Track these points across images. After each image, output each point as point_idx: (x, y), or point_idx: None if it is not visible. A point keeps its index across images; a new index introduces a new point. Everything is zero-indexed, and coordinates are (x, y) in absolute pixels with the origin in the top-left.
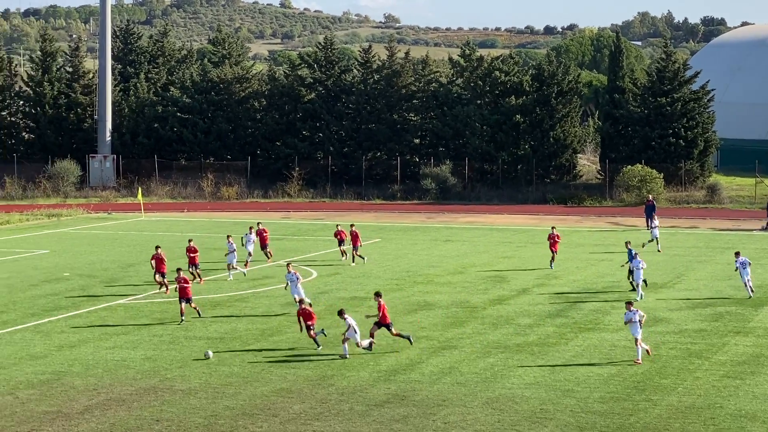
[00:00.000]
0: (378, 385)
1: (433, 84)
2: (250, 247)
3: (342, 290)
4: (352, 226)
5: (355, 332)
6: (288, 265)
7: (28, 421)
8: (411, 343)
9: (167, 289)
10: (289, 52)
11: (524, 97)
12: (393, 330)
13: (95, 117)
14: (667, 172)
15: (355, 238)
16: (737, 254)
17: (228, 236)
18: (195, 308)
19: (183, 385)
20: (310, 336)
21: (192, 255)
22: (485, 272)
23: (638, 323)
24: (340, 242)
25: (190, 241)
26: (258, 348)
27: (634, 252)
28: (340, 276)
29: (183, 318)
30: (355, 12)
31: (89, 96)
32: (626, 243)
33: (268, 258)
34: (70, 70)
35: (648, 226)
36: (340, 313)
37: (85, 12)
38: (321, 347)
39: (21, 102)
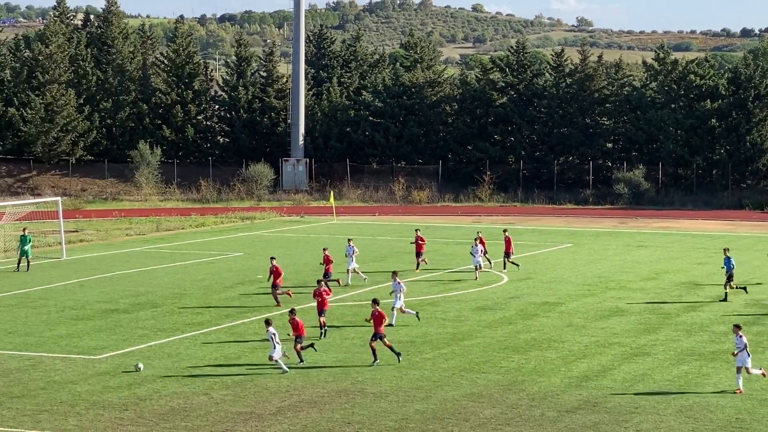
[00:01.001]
0: (569, 391)
1: (627, 88)
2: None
3: (533, 295)
4: (502, 231)
5: (274, 347)
6: (394, 274)
7: (223, 421)
8: (398, 360)
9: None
10: (481, 56)
11: (720, 100)
12: (386, 341)
13: (288, 121)
14: None
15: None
16: None
17: (349, 239)
18: (323, 325)
19: (374, 388)
20: (296, 349)
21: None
22: (679, 278)
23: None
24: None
25: (324, 249)
26: (449, 352)
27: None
28: (531, 281)
29: (323, 330)
30: (547, 15)
31: (283, 100)
32: (724, 250)
33: (417, 267)
34: (264, 74)
35: None
36: (266, 322)
37: (279, 17)
38: (303, 362)
39: (216, 106)
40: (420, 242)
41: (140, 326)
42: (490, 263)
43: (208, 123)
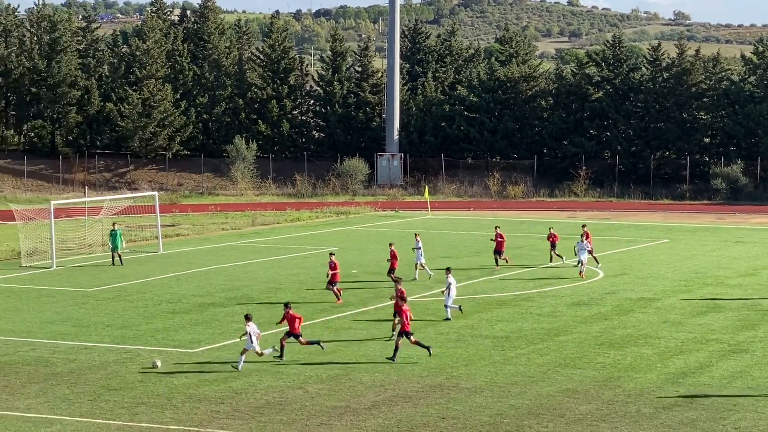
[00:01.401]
0: (666, 387)
1: (725, 82)
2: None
3: (629, 291)
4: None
5: (252, 341)
6: (447, 270)
7: (318, 415)
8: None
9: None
10: (577, 51)
11: None
12: (412, 338)
13: (383, 116)
14: None
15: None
16: None
17: (416, 234)
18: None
19: (469, 383)
20: (282, 341)
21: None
22: None
23: None
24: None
25: (390, 245)
26: (544, 347)
27: None
28: (627, 277)
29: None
30: (643, 9)
31: (378, 95)
32: None
33: (497, 264)
34: (359, 69)
35: None
36: (246, 317)
37: (374, 12)
38: (279, 357)
39: (311, 101)
40: (500, 240)
41: (236, 320)
42: (562, 258)
43: (304, 118)
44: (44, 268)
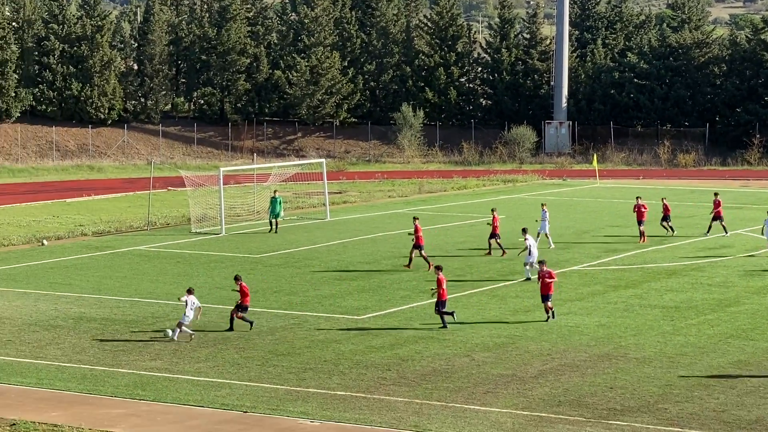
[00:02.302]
0: None
1: None
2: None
3: None
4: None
5: (186, 315)
6: (524, 231)
7: (484, 382)
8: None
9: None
10: (752, 16)
11: None
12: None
13: (551, 83)
14: None
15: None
16: None
17: (542, 204)
18: (550, 309)
19: (637, 353)
20: (232, 314)
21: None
22: None
23: None
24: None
25: (415, 219)
26: (714, 318)
27: None
28: None
29: (550, 315)
30: None
31: (546, 62)
32: None
33: (641, 237)
34: (528, 36)
35: None
36: (188, 291)
37: None
38: (233, 330)
39: (479, 68)
40: (642, 210)
41: (402, 287)
42: (673, 230)
43: (471, 85)
44: (213, 234)
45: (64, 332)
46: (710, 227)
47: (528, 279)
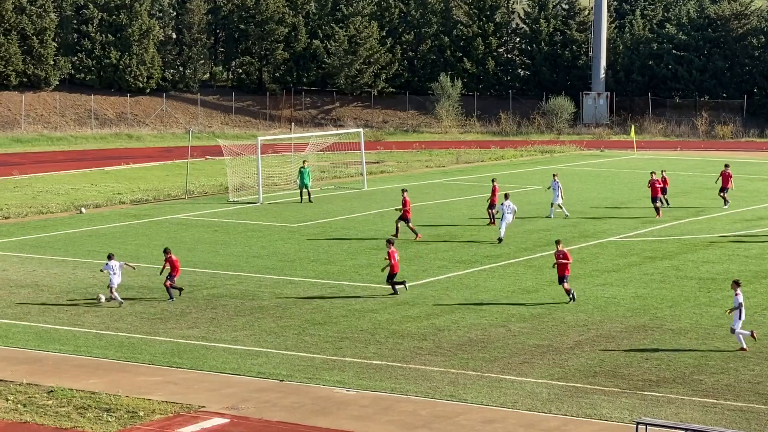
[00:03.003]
0: None
1: None
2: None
3: None
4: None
5: (112, 281)
6: (506, 196)
7: (520, 353)
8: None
9: None
10: None
11: None
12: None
13: (590, 54)
14: None
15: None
16: None
17: (554, 175)
18: (570, 293)
19: (673, 324)
20: (165, 284)
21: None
22: None
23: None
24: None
25: (403, 191)
26: (751, 290)
27: None
28: None
29: (571, 297)
30: None
31: (584, 33)
32: None
33: (658, 213)
34: (566, 7)
35: None
36: (108, 257)
37: None
38: (173, 299)
39: (517, 39)
40: (656, 185)
41: (439, 257)
42: (667, 203)
43: (509, 56)
44: (251, 203)
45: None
46: (725, 200)
47: (500, 239)
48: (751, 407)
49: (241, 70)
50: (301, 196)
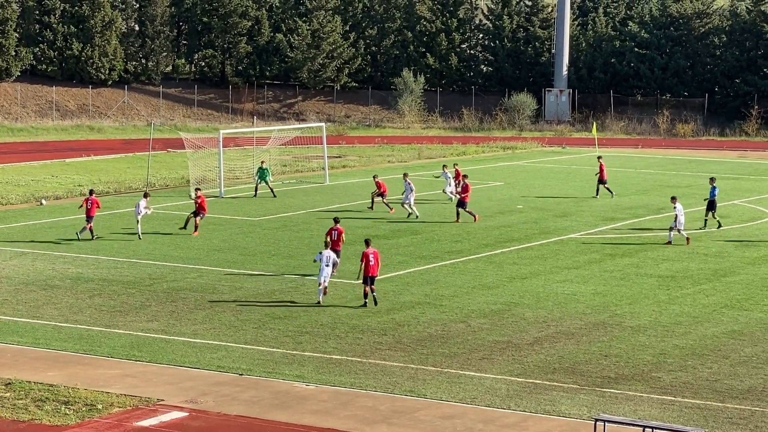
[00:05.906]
0: None
1: None
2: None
3: None
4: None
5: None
6: (405, 175)
7: (479, 349)
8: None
9: None
10: None
11: None
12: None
13: (552, 51)
14: None
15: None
16: None
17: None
18: (368, 292)
19: (632, 321)
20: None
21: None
22: None
23: None
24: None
25: (374, 176)
26: (709, 288)
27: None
28: None
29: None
30: None
31: (547, 30)
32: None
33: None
34: (530, 4)
35: None
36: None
37: None
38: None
39: (480, 35)
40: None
41: (400, 252)
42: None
43: (472, 52)
44: (212, 197)
45: (61, 292)
46: (598, 190)
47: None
48: (709, 404)
49: (203, 63)
50: (256, 190)
